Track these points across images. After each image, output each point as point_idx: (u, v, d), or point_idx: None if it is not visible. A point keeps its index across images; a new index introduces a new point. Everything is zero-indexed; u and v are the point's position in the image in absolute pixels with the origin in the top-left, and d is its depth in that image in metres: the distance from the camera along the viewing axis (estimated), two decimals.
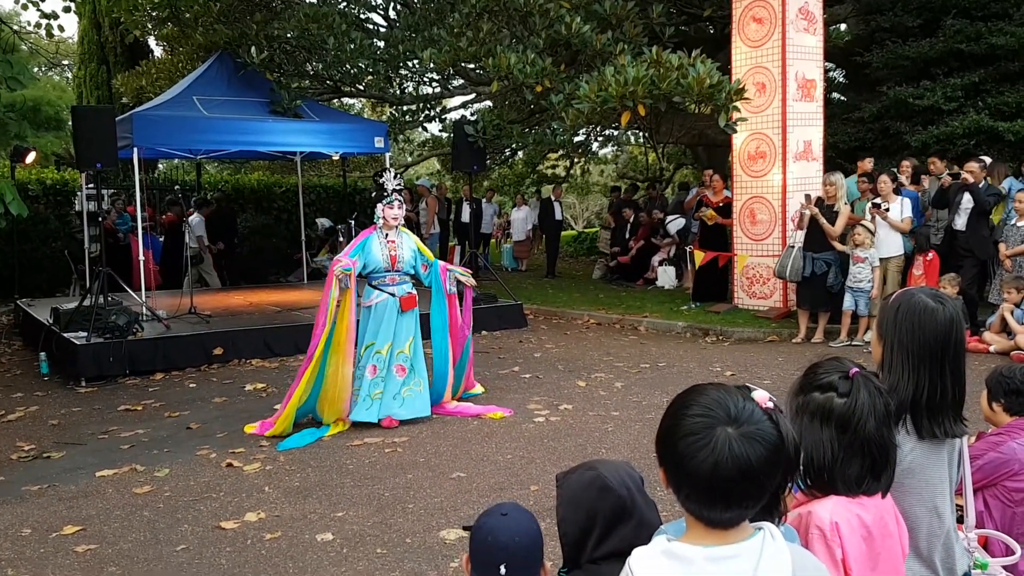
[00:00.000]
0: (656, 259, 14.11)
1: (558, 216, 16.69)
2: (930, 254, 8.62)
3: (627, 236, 14.87)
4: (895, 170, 9.86)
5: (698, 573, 1.42)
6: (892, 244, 8.88)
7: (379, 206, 6.24)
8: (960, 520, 2.49)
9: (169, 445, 5.78)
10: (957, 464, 2.37)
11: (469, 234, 13.59)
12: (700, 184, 13.04)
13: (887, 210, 8.88)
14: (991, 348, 8.00)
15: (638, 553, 1.47)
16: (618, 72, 8.68)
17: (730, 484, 1.40)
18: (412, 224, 15.33)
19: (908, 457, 2.23)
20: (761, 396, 1.73)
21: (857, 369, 2.05)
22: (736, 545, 1.43)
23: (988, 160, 9.43)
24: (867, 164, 10.41)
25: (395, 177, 6.28)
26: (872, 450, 2.03)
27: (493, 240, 19.57)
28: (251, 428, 6.06)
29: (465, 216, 15.63)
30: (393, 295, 6.17)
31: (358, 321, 6.13)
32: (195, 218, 13.17)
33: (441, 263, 6.54)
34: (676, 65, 8.60)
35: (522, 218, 17.93)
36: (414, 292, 6.28)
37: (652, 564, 1.45)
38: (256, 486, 4.89)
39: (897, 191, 9.26)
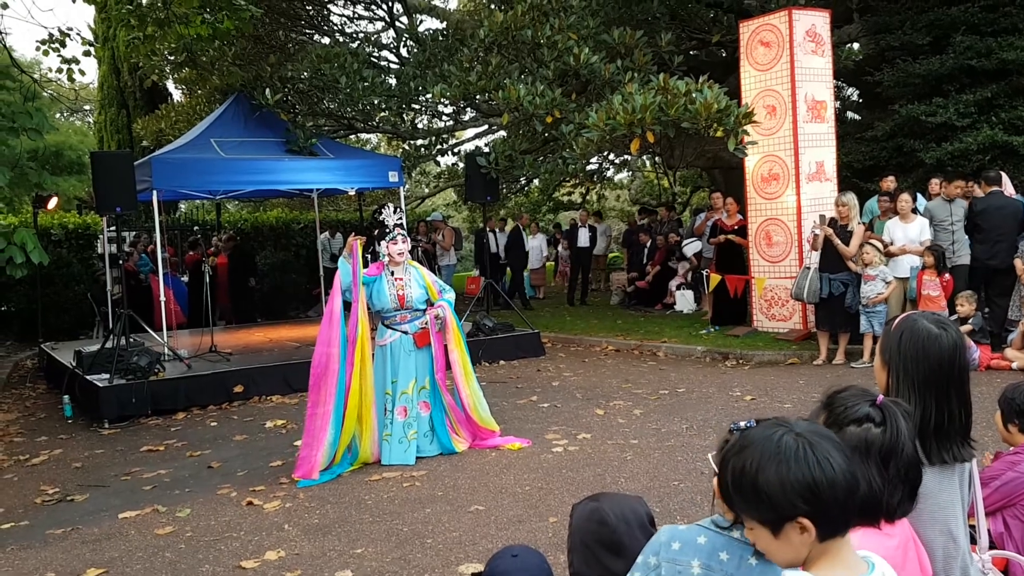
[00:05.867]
0: (674, 283, 14.07)
1: (582, 242, 16.13)
2: (946, 275, 8.50)
3: (644, 261, 14.85)
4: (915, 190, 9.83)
5: None
6: (906, 264, 8.82)
7: (383, 243, 6.13)
8: (973, 542, 2.47)
9: (191, 485, 5.83)
10: (968, 486, 2.36)
11: (494, 264, 13.53)
12: (709, 208, 12.97)
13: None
14: (1013, 365, 7.90)
15: None
16: (626, 100, 8.75)
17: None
18: (430, 256, 15.43)
19: None
20: None
21: (881, 396, 2.05)
22: None
23: (993, 174, 9.34)
24: (889, 183, 10.37)
25: (395, 212, 6.17)
26: (911, 473, 2.02)
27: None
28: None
29: (493, 247, 15.67)
30: (406, 332, 6.17)
31: (372, 356, 6.12)
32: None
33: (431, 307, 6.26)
34: (683, 91, 8.66)
35: (537, 246, 17.94)
36: (427, 328, 6.19)
37: None
38: (276, 524, 4.91)
39: (915, 210, 9.21)
